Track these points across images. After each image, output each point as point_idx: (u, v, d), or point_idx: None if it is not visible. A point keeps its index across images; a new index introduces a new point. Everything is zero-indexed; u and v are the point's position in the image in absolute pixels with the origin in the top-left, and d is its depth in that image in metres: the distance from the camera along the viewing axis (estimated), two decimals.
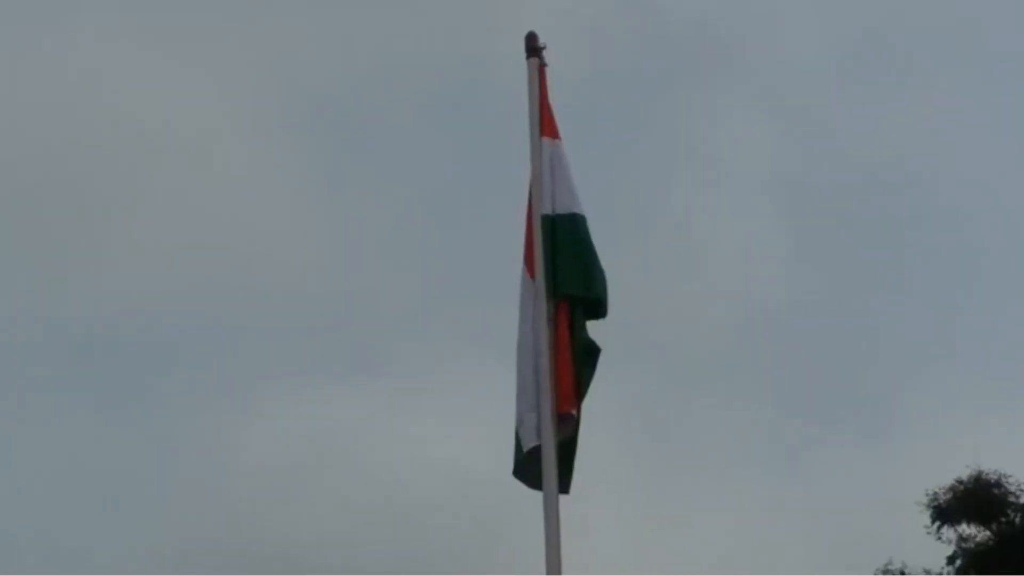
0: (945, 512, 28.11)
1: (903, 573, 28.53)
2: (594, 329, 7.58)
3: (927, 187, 55.16)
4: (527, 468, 7.35)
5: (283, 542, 57.65)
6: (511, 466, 7.54)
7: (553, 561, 7.11)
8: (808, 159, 58.51)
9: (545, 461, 7.23)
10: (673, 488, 64.28)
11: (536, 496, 7.28)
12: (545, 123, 7.90)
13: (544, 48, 8.14)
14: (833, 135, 57.49)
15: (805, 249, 64.75)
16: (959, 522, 28.21)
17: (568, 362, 7.36)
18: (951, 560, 28.28)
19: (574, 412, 7.38)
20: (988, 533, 28.08)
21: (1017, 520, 27.81)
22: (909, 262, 65.03)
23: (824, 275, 64.83)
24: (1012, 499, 27.97)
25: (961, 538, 28.27)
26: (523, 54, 8.09)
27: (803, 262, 64.46)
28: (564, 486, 7.40)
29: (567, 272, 7.48)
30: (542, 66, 8.12)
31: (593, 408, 7.60)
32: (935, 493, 28.22)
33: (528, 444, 7.35)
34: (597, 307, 7.57)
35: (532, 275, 7.52)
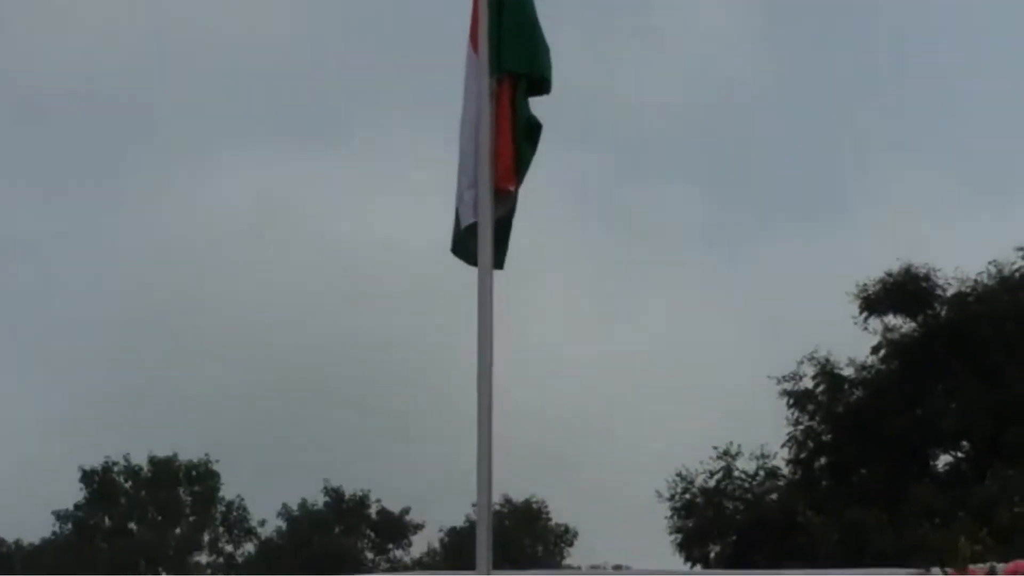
0: (873, 303, 28.50)
1: (828, 361, 29.05)
2: (541, 107, 7.49)
3: None
4: (465, 245, 7.32)
5: (228, 305, 58.02)
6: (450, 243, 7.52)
7: (485, 336, 7.13)
8: None
9: (481, 236, 7.19)
10: (614, 268, 64.94)
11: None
12: None
13: None
14: None
15: (772, 31, 64.33)
16: (886, 313, 28.64)
17: (508, 138, 7.27)
18: (876, 350, 28.77)
19: (512, 189, 7.32)
20: (914, 325, 28.53)
21: (943, 313, 28.23)
22: (874, 52, 64.89)
23: (787, 58, 64.58)
24: (939, 292, 28.35)
25: (887, 329, 28.73)
26: None
27: (768, 43, 64.13)
28: (499, 262, 7.38)
29: (511, 47, 7.34)
30: None
31: (535, 187, 7.55)
32: (865, 285, 28.57)
33: (466, 221, 7.30)
34: (540, 83, 7.46)
35: (476, 50, 7.39)
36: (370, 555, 41.23)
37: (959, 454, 28.85)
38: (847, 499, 26.39)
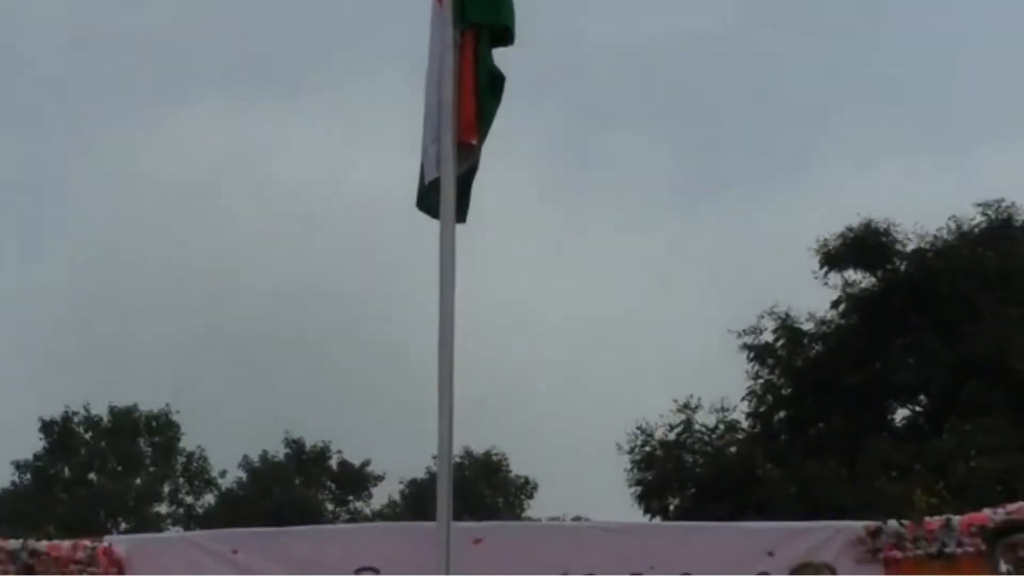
0: (833, 258, 28.62)
1: (788, 316, 29.17)
2: (506, 58, 7.46)
3: None
4: (429, 199, 7.29)
5: (189, 257, 57.70)
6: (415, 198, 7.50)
7: (447, 289, 7.12)
8: None
9: (443, 190, 7.16)
10: (577, 220, 64.94)
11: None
12: None
13: None
14: None
15: None
16: (846, 268, 28.76)
17: (471, 91, 7.23)
18: (835, 305, 28.90)
19: (474, 142, 7.29)
20: (873, 279, 28.67)
21: (902, 267, 28.37)
22: (837, 6, 64.82)
23: (753, 11, 64.46)
24: (899, 248, 28.48)
25: (847, 284, 28.87)
26: None
27: None
28: (461, 215, 7.36)
29: None
30: None
31: (500, 141, 7.54)
32: (825, 240, 28.67)
33: (430, 176, 7.27)
34: (504, 34, 7.42)
35: (440, 2, 7.34)
36: (331, 506, 41.32)
37: (917, 408, 29.07)
38: (806, 452, 26.56)
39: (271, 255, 59.82)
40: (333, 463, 41.96)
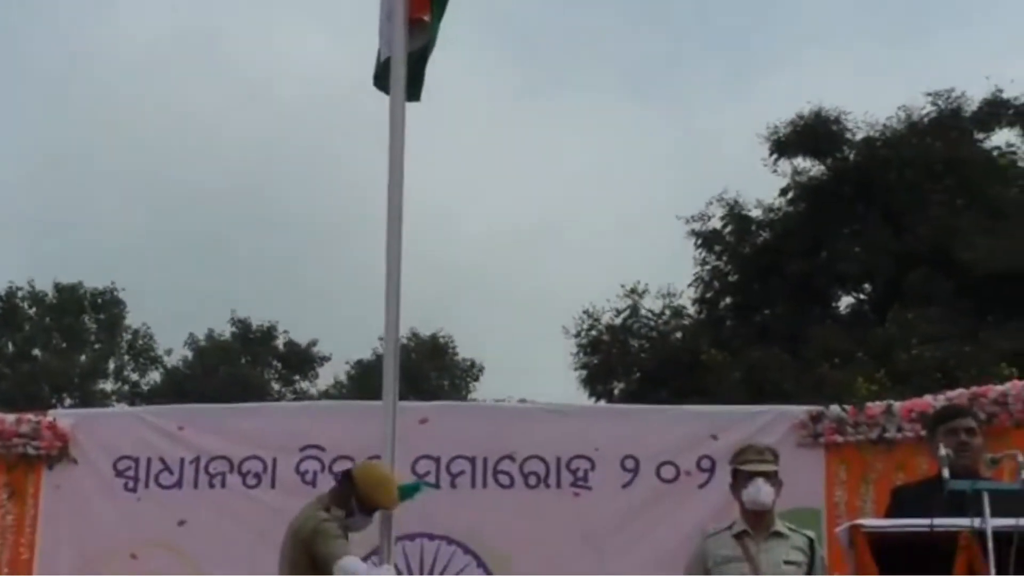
0: (783, 146, 28.66)
1: (737, 203, 29.26)
2: None
3: None
4: (385, 78, 7.20)
5: (137, 133, 56.98)
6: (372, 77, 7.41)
7: (396, 169, 7.06)
8: None
9: (394, 66, 7.08)
10: (529, 102, 64.56)
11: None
12: None
13: None
14: None
15: None
16: (795, 156, 28.82)
17: None
18: (784, 192, 29.01)
19: (426, 19, 7.19)
20: (822, 168, 28.76)
21: (851, 156, 28.46)
22: None
23: None
24: (848, 135, 28.55)
25: (796, 171, 28.96)
26: None
27: None
28: (413, 94, 7.28)
29: None
30: None
31: (457, 21, 7.44)
32: (775, 127, 28.69)
33: (385, 54, 7.18)
34: None
35: None
36: (277, 386, 41.36)
37: (861, 297, 29.35)
38: (751, 338, 26.81)
39: (222, 131, 59.25)
40: (279, 343, 41.95)
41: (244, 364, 40.82)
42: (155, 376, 42.10)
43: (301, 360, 42.11)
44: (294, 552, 6.93)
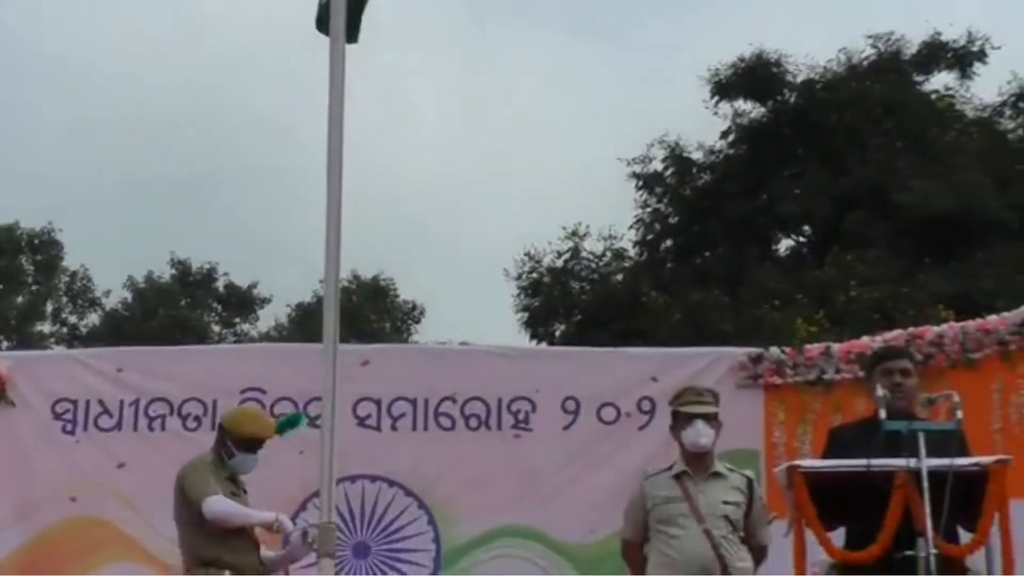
0: (724, 88, 28.67)
1: (678, 145, 29.29)
2: None
3: None
4: (327, 20, 7.14)
5: (72, 67, 56.27)
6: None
7: (336, 110, 7.02)
8: None
9: (333, 6, 7.02)
10: (473, 45, 64.22)
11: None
12: None
13: None
14: None
15: None
16: (736, 98, 28.86)
17: None
18: (725, 135, 29.06)
19: None
20: (763, 110, 28.82)
21: (791, 99, 28.53)
22: None
23: None
24: (789, 78, 28.60)
25: (736, 114, 29.00)
26: None
27: None
28: (352, 35, 7.22)
29: None
30: None
31: None
32: (717, 69, 28.68)
33: None
34: None
35: None
36: (217, 328, 41.12)
37: (800, 239, 29.51)
38: (691, 280, 26.90)
39: (160, 69, 58.50)
40: (220, 285, 41.68)
41: (184, 306, 40.53)
42: (93, 318, 41.74)
43: (241, 302, 41.85)
44: (175, 497, 7.15)
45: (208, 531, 6.99)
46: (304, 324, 36.16)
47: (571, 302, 28.76)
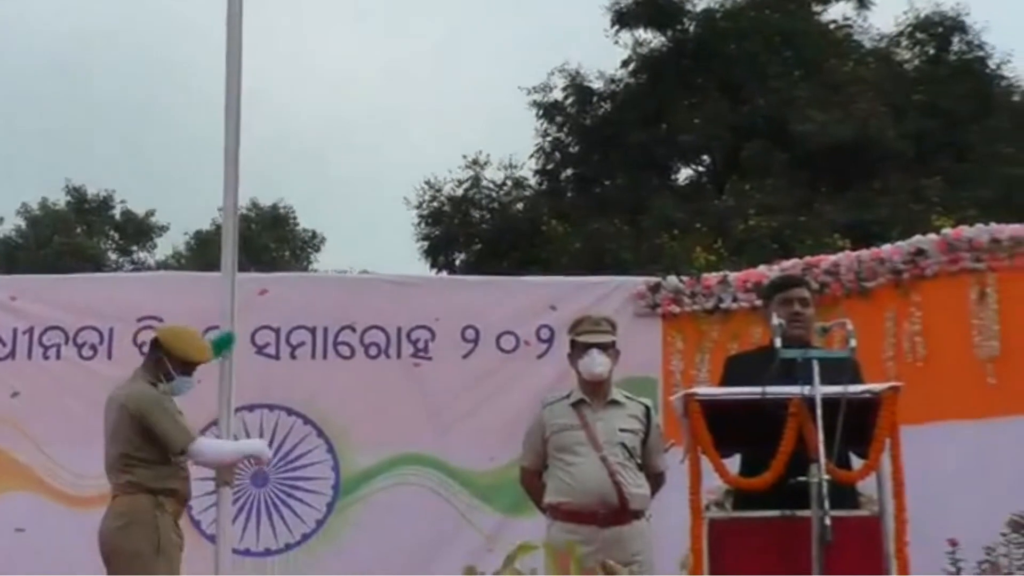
0: (625, 17, 28.62)
1: (578, 74, 29.24)
2: None
3: None
4: None
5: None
6: None
7: (233, 41, 6.94)
8: None
9: None
10: None
11: None
12: None
13: None
14: None
15: None
16: (637, 27, 28.83)
17: None
18: (625, 64, 29.05)
19: None
20: (663, 40, 28.83)
21: (691, 28, 28.56)
22: None
23: None
24: (689, 7, 28.61)
25: (637, 43, 28.99)
26: None
27: None
28: None
29: None
30: None
31: None
32: None
33: None
34: None
35: None
36: (113, 256, 40.60)
37: (700, 168, 29.67)
38: (591, 210, 26.96)
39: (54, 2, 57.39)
40: (116, 213, 41.11)
41: (79, 234, 39.93)
42: None
43: (139, 230, 41.31)
44: (121, 424, 6.93)
45: (167, 466, 6.90)
46: (202, 252, 35.80)
47: (471, 231, 28.74)
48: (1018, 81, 28.30)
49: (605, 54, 29.22)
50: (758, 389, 5.28)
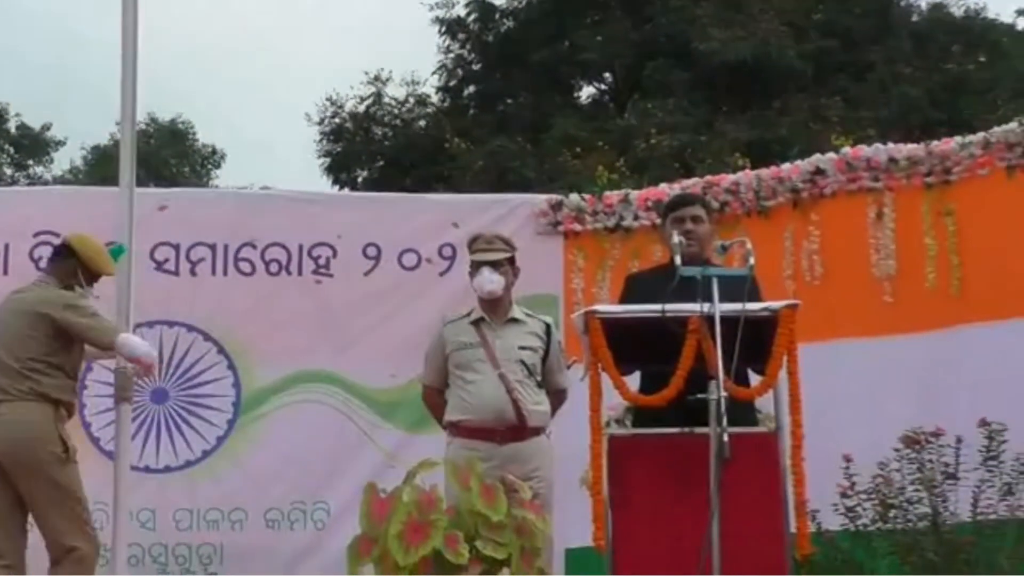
0: None
1: None
2: None
3: None
4: None
5: None
6: None
7: None
8: None
9: None
10: None
11: None
12: None
13: None
14: None
15: None
16: None
17: None
18: None
19: None
20: None
21: None
22: None
23: None
24: None
25: None
26: None
27: None
28: None
29: None
30: None
31: None
32: None
33: None
34: None
35: None
36: (9, 171, 39.89)
37: (602, 86, 29.68)
38: (493, 127, 26.92)
39: None
40: (11, 126, 40.35)
41: None
42: None
43: (35, 144, 40.53)
44: (29, 329, 6.83)
45: (71, 380, 6.83)
46: (100, 167, 35.27)
47: (373, 148, 28.61)
48: (917, 1, 28.57)
49: None
50: (658, 307, 5.31)
